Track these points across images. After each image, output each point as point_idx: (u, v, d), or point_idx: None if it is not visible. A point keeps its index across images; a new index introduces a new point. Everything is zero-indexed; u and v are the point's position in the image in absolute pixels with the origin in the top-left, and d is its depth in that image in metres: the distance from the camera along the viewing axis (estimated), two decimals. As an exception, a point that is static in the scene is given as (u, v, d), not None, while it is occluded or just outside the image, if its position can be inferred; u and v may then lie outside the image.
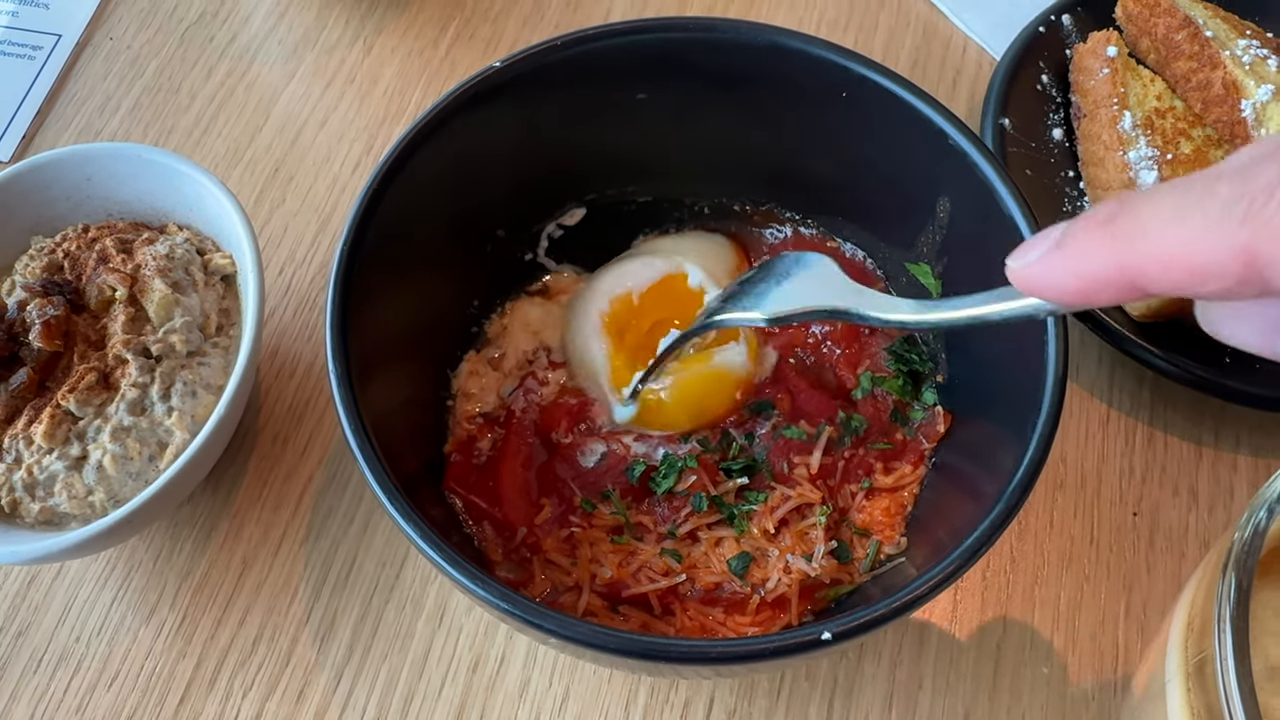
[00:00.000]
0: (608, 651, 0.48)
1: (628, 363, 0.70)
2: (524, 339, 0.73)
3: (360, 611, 0.70)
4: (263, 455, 0.76)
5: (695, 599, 0.63)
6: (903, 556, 0.64)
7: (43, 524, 0.65)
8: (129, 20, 0.96)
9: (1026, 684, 0.68)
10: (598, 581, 0.63)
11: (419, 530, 0.51)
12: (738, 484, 0.66)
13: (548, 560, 0.64)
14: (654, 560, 0.64)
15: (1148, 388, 0.78)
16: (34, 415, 0.66)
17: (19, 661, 0.69)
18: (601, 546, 0.64)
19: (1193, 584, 0.52)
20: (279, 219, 0.86)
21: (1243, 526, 0.47)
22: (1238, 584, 0.45)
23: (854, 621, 0.48)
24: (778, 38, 0.65)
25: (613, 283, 0.73)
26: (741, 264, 0.75)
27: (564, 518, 0.66)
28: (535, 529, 0.65)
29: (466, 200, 0.68)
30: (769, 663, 0.49)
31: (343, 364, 0.56)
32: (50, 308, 0.67)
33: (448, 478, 0.67)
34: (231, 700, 0.68)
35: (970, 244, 0.65)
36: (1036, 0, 0.88)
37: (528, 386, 0.71)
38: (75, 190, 0.73)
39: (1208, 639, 0.45)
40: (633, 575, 0.63)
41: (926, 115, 0.62)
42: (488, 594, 0.49)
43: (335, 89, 0.92)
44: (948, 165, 0.62)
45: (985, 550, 0.51)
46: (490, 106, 0.65)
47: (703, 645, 0.49)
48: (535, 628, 0.48)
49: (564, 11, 0.97)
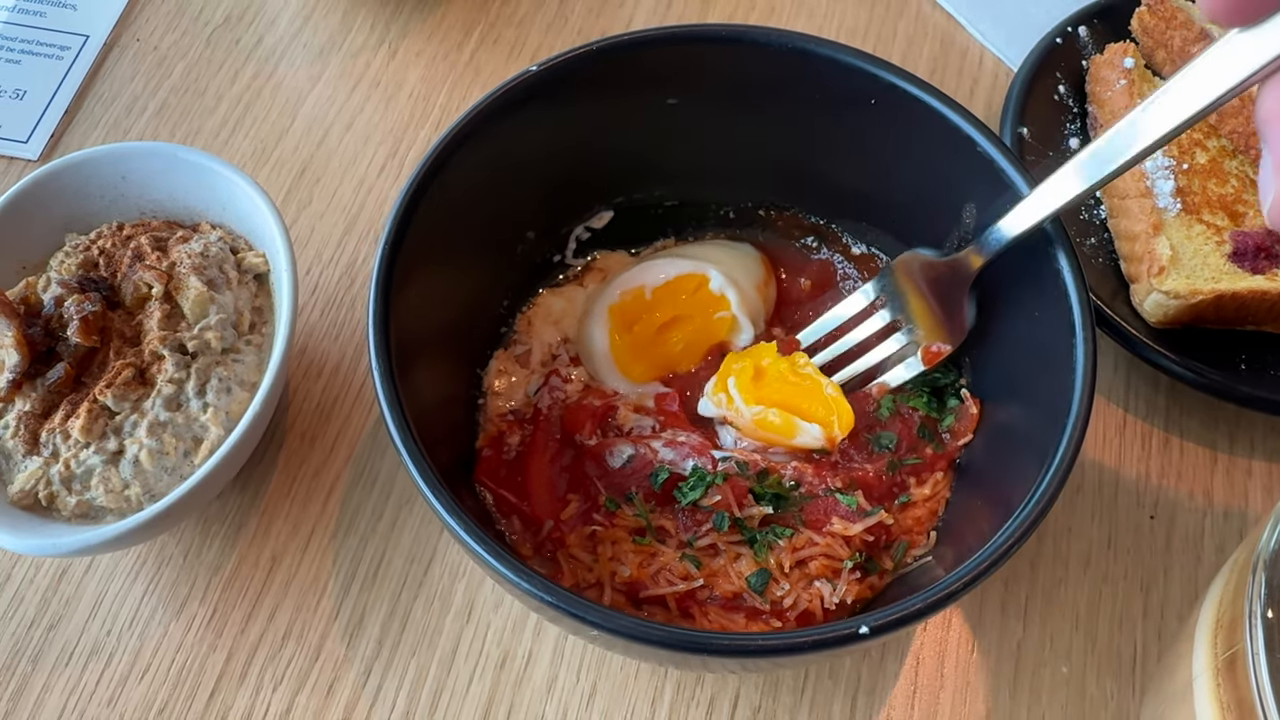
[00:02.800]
0: (651, 644, 0.49)
1: (631, 350, 0.71)
2: (547, 331, 0.74)
3: (389, 607, 0.71)
4: (291, 453, 0.77)
5: (716, 604, 0.63)
6: (928, 556, 0.65)
7: (79, 517, 0.66)
8: (155, 22, 0.97)
9: (1046, 684, 0.69)
10: (617, 580, 0.64)
11: (463, 524, 0.52)
12: (764, 512, 0.65)
13: (571, 555, 0.65)
14: (674, 564, 0.64)
15: (1164, 393, 0.79)
16: (71, 410, 0.66)
17: (51, 654, 0.70)
18: (623, 546, 0.65)
19: (1219, 583, 0.53)
20: (306, 220, 0.87)
21: (1273, 527, 0.48)
22: (1269, 582, 0.46)
23: (892, 615, 0.49)
24: (808, 45, 0.66)
25: (628, 277, 0.74)
26: (769, 276, 0.76)
27: (588, 515, 0.66)
28: (560, 524, 0.66)
29: (500, 201, 0.69)
30: (808, 655, 0.50)
31: (385, 359, 0.56)
32: (88, 304, 0.68)
33: (478, 471, 0.68)
34: (262, 694, 0.68)
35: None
36: (1053, 12, 0.90)
37: (552, 384, 0.72)
38: (110, 188, 0.74)
39: (1238, 635, 0.46)
40: (652, 577, 0.64)
41: (955, 123, 0.63)
42: (533, 587, 0.50)
43: (361, 92, 0.93)
44: (975, 172, 0.64)
45: (1018, 547, 0.52)
46: (525, 110, 0.66)
47: (745, 638, 0.50)
48: (579, 620, 0.49)
49: (587, 17, 0.98)
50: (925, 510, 0.66)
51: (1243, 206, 0.79)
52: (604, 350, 0.72)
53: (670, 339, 0.73)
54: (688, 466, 0.67)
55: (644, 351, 0.72)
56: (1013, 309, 0.65)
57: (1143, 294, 0.76)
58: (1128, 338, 0.75)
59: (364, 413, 0.78)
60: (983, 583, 0.52)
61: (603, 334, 0.72)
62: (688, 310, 0.73)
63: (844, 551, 0.63)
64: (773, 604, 0.62)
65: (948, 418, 0.69)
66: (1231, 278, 0.75)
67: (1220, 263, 0.76)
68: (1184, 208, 0.78)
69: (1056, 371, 0.58)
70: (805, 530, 0.65)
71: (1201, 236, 0.78)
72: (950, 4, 0.97)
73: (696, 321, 0.73)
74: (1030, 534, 0.52)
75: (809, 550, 0.64)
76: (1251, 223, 0.78)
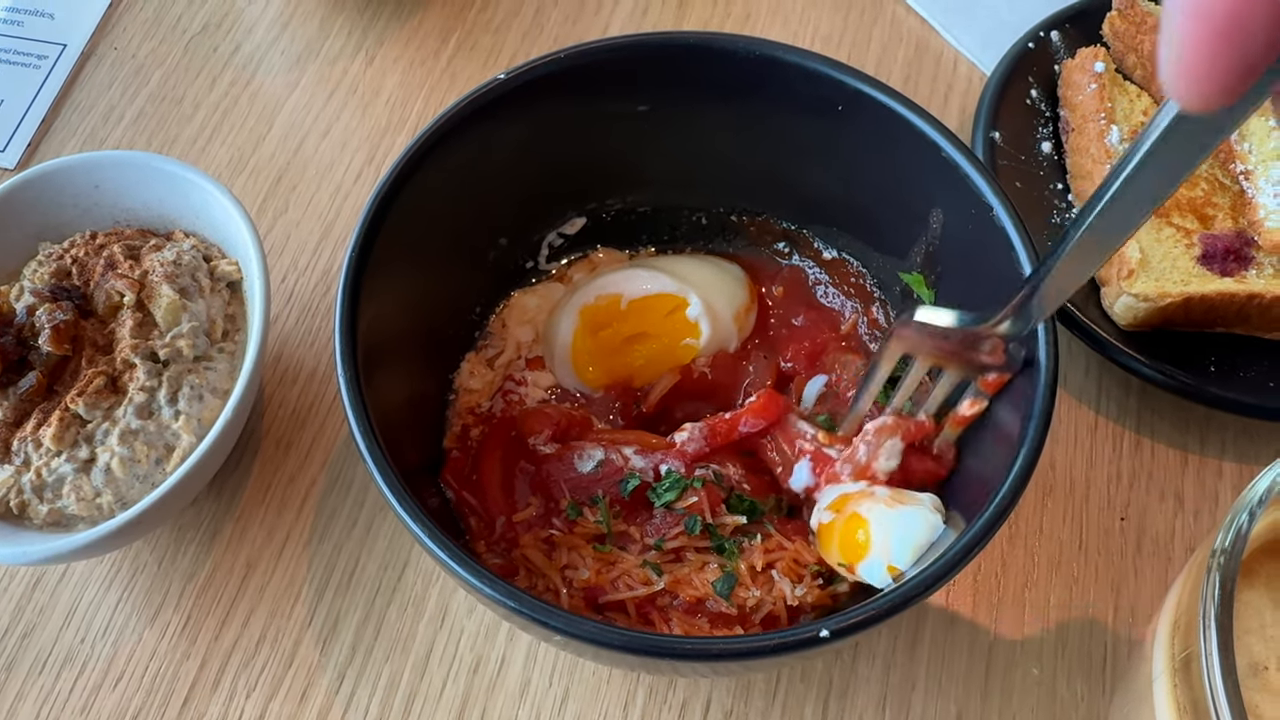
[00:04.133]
0: (611, 648, 0.49)
1: (592, 353, 0.71)
2: (520, 330, 0.74)
3: (363, 613, 0.71)
4: (266, 459, 0.77)
5: (678, 609, 0.63)
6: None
7: (51, 525, 0.66)
8: (133, 30, 0.98)
9: (1017, 685, 0.69)
10: (575, 584, 0.64)
11: (426, 529, 0.52)
12: (737, 522, 0.65)
13: (524, 557, 0.65)
14: (634, 570, 0.64)
15: (1135, 395, 0.80)
16: (43, 418, 0.67)
17: (25, 662, 0.70)
18: (581, 551, 0.65)
19: (1179, 585, 0.54)
20: (282, 227, 0.87)
21: (1226, 529, 0.48)
22: (1222, 584, 0.46)
23: (851, 619, 0.49)
24: (775, 52, 0.67)
25: (608, 281, 0.74)
26: (752, 302, 0.75)
27: (547, 519, 0.66)
28: (514, 525, 0.66)
29: (471, 207, 0.69)
30: (769, 660, 0.50)
31: (351, 366, 0.57)
32: (59, 312, 0.68)
33: (444, 471, 0.68)
34: (235, 701, 0.69)
35: (963, 254, 0.67)
36: (1026, 17, 0.91)
37: (506, 387, 0.72)
38: (84, 197, 0.75)
39: (1193, 637, 0.47)
40: (611, 582, 0.64)
41: (921, 129, 0.64)
42: (495, 592, 0.50)
43: (338, 99, 0.94)
44: (941, 178, 0.64)
45: (977, 551, 0.52)
46: (495, 117, 0.66)
47: (705, 642, 0.50)
48: (540, 624, 0.50)
49: (563, 24, 0.98)
50: None
51: (1212, 209, 0.80)
52: (565, 346, 0.72)
53: (634, 352, 0.73)
54: (663, 470, 0.67)
55: (605, 358, 0.72)
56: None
57: (1113, 297, 0.76)
58: (1098, 340, 0.76)
59: (339, 419, 0.79)
60: (942, 586, 0.52)
61: (568, 330, 0.72)
62: (657, 330, 0.73)
63: (810, 556, 0.63)
64: (739, 608, 0.62)
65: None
66: (1200, 280, 0.76)
67: (1189, 265, 0.77)
68: (1154, 211, 0.79)
69: (1021, 385, 0.59)
70: (775, 534, 0.65)
71: (1171, 239, 0.78)
72: (924, 9, 0.98)
73: (664, 342, 0.73)
74: (988, 540, 0.52)
75: (779, 554, 0.64)
76: (1221, 226, 0.79)
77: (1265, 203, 0.77)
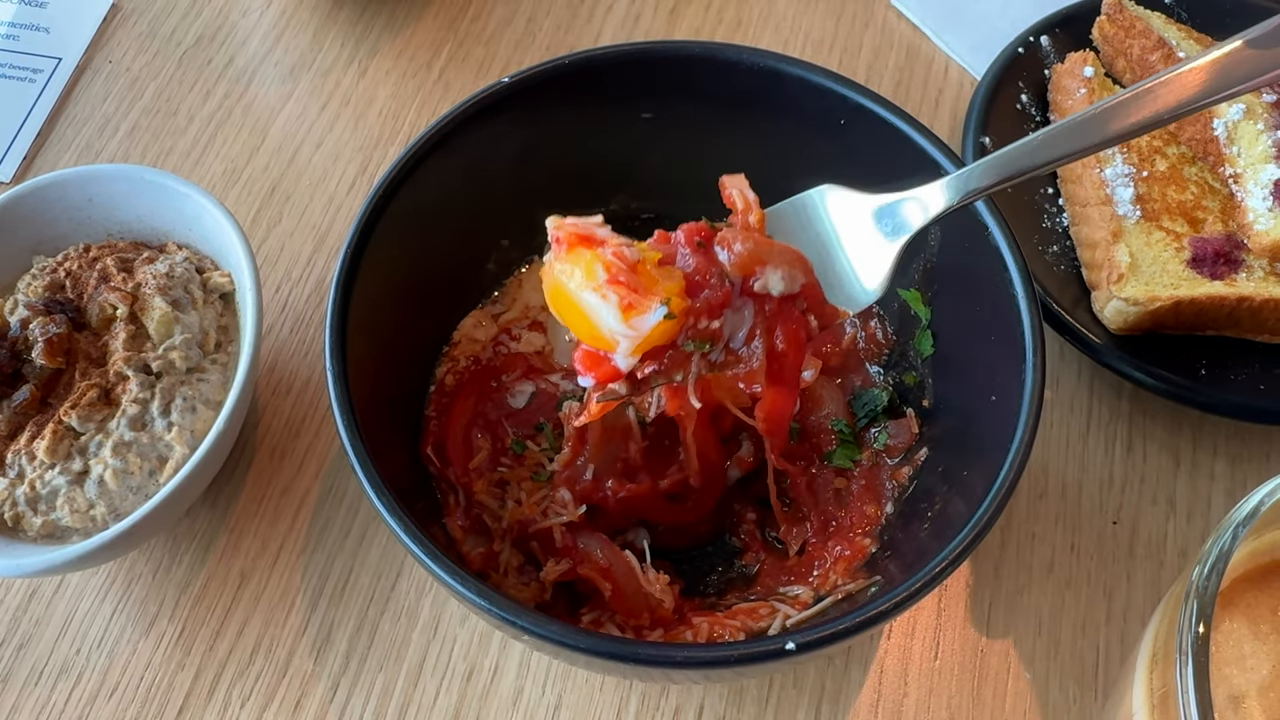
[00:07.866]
0: (579, 652, 0.50)
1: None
2: (535, 295, 0.75)
3: (356, 623, 0.71)
4: (260, 470, 0.77)
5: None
6: (879, 576, 0.65)
7: (45, 538, 0.66)
8: (128, 44, 0.98)
9: (1009, 690, 0.69)
10: (506, 521, 0.66)
11: (420, 544, 0.52)
12: None
13: (479, 502, 0.67)
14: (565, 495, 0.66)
15: (1126, 399, 0.80)
16: (36, 431, 0.67)
17: (20, 673, 0.70)
18: (523, 485, 0.67)
19: (1156, 617, 0.53)
20: (275, 238, 0.88)
21: (1203, 560, 0.48)
22: (1199, 615, 0.46)
23: (817, 634, 0.50)
24: (779, 64, 0.67)
25: None
26: None
27: (496, 459, 0.69)
28: (469, 472, 0.68)
29: (473, 210, 0.70)
30: (734, 669, 0.51)
31: (340, 367, 0.57)
32: (53, 325, 0.69)
33: (423, 447, 0.69)
34: (230, 710, 0.69)
35: (958, 271, 0.67)
36: (1016, 22, 0.91)
37: (499, 339, 0.74)
38: (77, 211, 0.75)
39: (1171, 671, 0.46)
40: (542, 512, 0.65)
41: (921, 146, 0.64)
42: (487, 602, 0.51)
43: (331, 110, 0.94)
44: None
45: (949, 572, 0.53)
46: (496, 121, 0.67)
47: (668, 650, 0.51)
48: (509, 624, 0.50)
49: (555, 33, 0.99)
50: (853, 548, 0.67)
51: (1202, 213, 0.80)
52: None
53: None
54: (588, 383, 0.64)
55: None
56: (966, 334, 0.66)
57: (1103, 301, 0.76)
58: (1090, 345, 0.76)
59: (333, 429, 0.79)
60: (911, 606, 0.52)
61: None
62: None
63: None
64: None
65: (881, 436, 0.70)
66: (1190, 284, 0.76)
67: (1179, 269, 0.77)
68: (1144, 214, 0.79)
69: (1007, 389, 0.59)
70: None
71: (1161, 243, 0.78)
72: (915, 15, 0.98)
73: None
74: (960, 562, 0.53)
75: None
76: (1210, 229, 0.79)
77: (1254, 206, 0.77)
